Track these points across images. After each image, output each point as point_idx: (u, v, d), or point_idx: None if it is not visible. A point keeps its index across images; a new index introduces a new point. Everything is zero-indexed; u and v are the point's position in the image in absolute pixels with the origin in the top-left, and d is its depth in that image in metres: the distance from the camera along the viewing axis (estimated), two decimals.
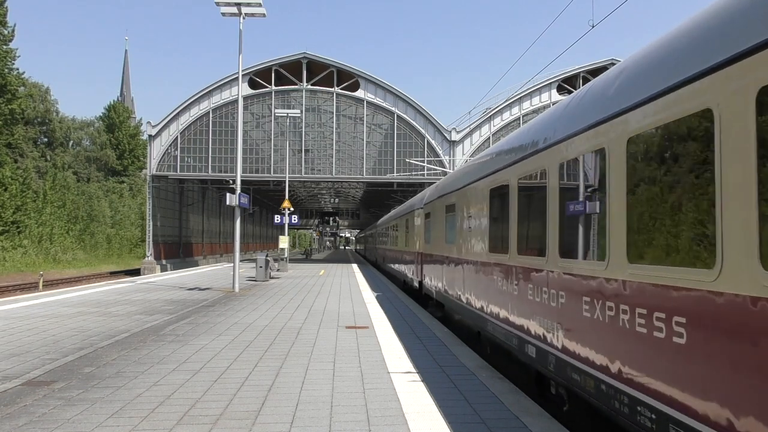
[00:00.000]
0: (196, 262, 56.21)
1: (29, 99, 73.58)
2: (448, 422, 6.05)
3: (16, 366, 8.55)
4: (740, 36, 3.65)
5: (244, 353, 9.67)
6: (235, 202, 21.25)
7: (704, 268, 3.86)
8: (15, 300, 18.50)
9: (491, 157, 9.79)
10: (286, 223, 35.85)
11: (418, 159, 45.09)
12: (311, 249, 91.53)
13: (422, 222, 18.12)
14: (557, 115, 6.87)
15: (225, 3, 20.64)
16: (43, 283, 34.13)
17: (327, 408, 6.51)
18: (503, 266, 8.45)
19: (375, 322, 13.49)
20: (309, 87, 48.39)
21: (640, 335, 4.57)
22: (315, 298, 19.03)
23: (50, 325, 12.71)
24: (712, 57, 3.87)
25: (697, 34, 4.21)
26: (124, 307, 16.15)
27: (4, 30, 54.26)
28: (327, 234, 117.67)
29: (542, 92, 48.81)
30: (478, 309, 10.02)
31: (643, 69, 4.93)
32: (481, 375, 8.33)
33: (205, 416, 6.20)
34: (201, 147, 48.26)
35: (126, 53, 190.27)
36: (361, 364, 8.90)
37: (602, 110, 5.42)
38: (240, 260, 22.17)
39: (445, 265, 13.54)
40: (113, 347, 10.06)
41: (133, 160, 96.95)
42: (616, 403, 4.96)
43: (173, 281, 27.02)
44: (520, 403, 6.86)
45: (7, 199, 51.53)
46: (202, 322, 13.42)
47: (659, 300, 4.35)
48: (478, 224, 10.12)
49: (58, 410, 6.37)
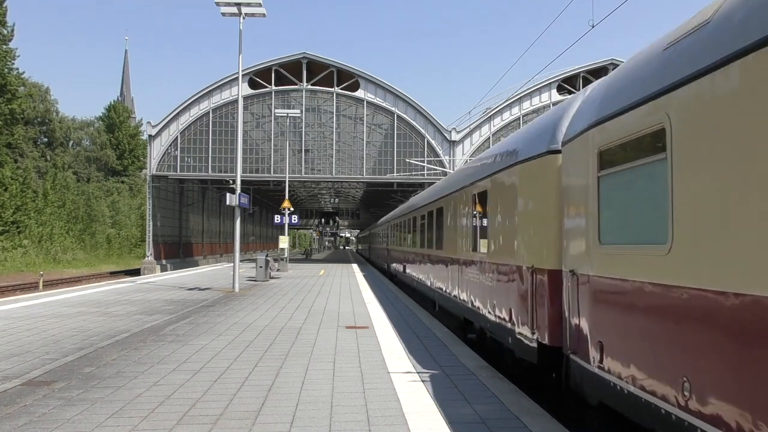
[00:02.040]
0: (196, 262, 56.21)
1: (29, 99, 73.63)
2: (448, 422, 6.05)
3: (16, 366, 8.55)
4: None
5: (244, 353, 9.67)
6: (235, 202, 21.25)
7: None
8: (15, 300, 18.50)
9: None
10: (286, 223, 35.87)
11: (418, 159, 45.09)
12: (311, 249, 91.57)
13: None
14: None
15: (225, 3, 20.64)
16: (43, 283, 34.13)
17: (327, 408, 6.51)
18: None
19: (375, 322, 13.49)
20: (309, 87, 48.39)
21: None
22: (315, 298, 19.03)
23: (50, 325, 12.71)
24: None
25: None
26: (124, 307, 16.15)
27: (4, 30, 54.28)
28: (327, 234, 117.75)
29: (542, 92, 48.82)
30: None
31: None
32: (481, 375, 8.33)
33: (205, 416, 6.20)
34: (201, 147, 48.27)
35: (126, 53, 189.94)
36: (361, 364, 8.90)
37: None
38: (240, 260, 22.17)
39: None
40: (113, 347, 10.06)
41: (133, 160, 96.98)
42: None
43: (173, 281, 27.02)
44: (520, 403, 6.87)
45: (7, 199, 51.54)
46: (202, 322, 13.42)
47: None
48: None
49: (58, 410, 6.37)
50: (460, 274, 12.23)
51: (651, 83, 4.69)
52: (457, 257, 12.67)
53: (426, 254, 17.68)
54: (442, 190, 15.02)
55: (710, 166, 3.94)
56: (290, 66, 48.26)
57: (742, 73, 3.64)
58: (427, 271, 17.39)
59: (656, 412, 4.46)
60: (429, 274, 16.89)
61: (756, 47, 3.50)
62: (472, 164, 12.58)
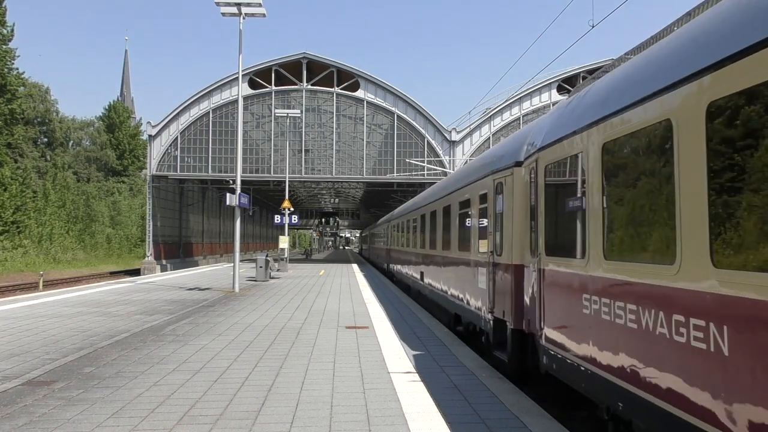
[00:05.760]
0: (196, 262, 56.20)
1: (29, 99, 73.58)
2: (448, 422, 6.05)
3: (16, 366, 8.55)
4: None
5: (244, 353, 9.67)
6: (235, 202, 21.25)
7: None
8: (15, 300, 18.50)
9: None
10: (286, 223, 35.87)
11: (418, 159, 45.09)
12: (311, 249, 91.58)
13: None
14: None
15: (225, 3, 20.63)
16: (43, 283, 34.14)
17: (327, 408, 6.51)
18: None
19: (375, 322, 13.49)
20: (309, 87, 48.38)
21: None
22: (315, 298, 19.03)
23: (50, 325, 12.71)
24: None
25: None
26: (124, 307, 16.14)
27: (4, 30, 54.21)
28: (327, 234, 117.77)
29: (542, 92, 48.81)
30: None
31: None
32: (481, 375, 8.33)
33: (205, 416, 6.20)
34: (201, 147, 48.25)
35: (126, 53, 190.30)
36: (361, 364, 8.90)
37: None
38: (240, 260, 22.17)
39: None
40: (113, 347, 10.06)
41: (133, 160, 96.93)
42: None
43: (173, 281, 27.02)
44: (520, 403, 6.87)
45: (7, 199, 51.51)
46: (202, 322, 13.42)
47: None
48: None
49: (58, 410, 6.37)
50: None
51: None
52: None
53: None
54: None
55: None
56: (290, 66, 48.25)
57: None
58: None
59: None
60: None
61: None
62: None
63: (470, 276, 11.39)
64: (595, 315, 5.81)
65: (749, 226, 3.73)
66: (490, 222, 9.93)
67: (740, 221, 3.85)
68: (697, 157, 4.22)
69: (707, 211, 4.10)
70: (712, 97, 4.06)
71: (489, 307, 9.77)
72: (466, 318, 11.97)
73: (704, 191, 4.12)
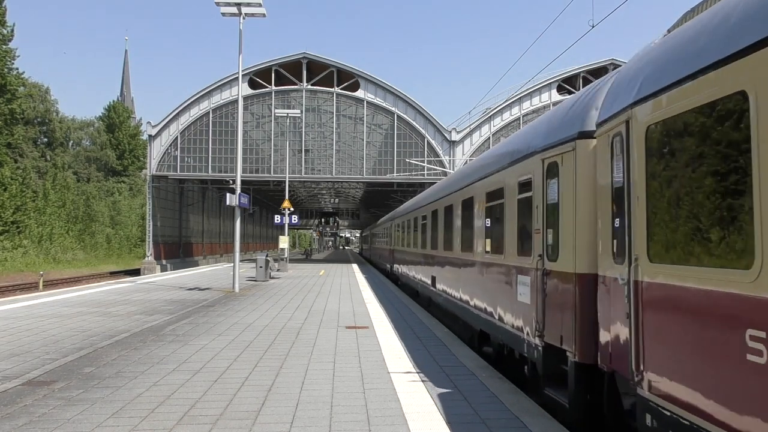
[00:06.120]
0: (196, 262, 56.19)
1: (29, 99, 73.57)
2: (448, 422, 6.05)
3: (16, 366, 8.55)
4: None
5: (244, 353, 9.67)
6: (235, 202, 21.26)
7: None
8: (15, 300, 18.50)
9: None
10: (286, 223, 35.87)
11: (418, 159, 45.09)
12: (311, 249, 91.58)
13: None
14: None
15: (225, 3, 20.64)
16: (43, 283, 34.12)
17: (327, 408, 6.51)
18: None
19: (375, 322, 13.49)
20: (309, 87, 48.37)
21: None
22: (315, 298, 19.03)
23: (50, 325, 12.70)
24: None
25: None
26: (124, 307, 16.14)
27: (4, 30, 54.18)
28: (327, 234, 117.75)
29: (542, 92, 48.79)
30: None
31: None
32: (481, 375, 8.33)
33: (205, 416, 6.20)
34: (201, 147, 48.25)
35: (126, 53, 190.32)
36: (361, 364, 8.90)
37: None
38: (240, 260, 22.17)
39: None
40: (113, 347, 10.06)
41: (133, 160, 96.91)
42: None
43: (173, 281, 27.02)
44: (520, 403, 6.87)
45: (7, 199, 51.50)
46: (202, 322, 13.42)
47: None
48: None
49: (58, 410, 6.37)
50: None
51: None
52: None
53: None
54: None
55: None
56: (290, 66, 48.24)
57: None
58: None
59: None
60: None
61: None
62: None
63: (504, 285, 9.29)
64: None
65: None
66: (537, 216, 7.77)
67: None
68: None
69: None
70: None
71: (536, 328, 7.64)
72: (498, 338, 9.70)
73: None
